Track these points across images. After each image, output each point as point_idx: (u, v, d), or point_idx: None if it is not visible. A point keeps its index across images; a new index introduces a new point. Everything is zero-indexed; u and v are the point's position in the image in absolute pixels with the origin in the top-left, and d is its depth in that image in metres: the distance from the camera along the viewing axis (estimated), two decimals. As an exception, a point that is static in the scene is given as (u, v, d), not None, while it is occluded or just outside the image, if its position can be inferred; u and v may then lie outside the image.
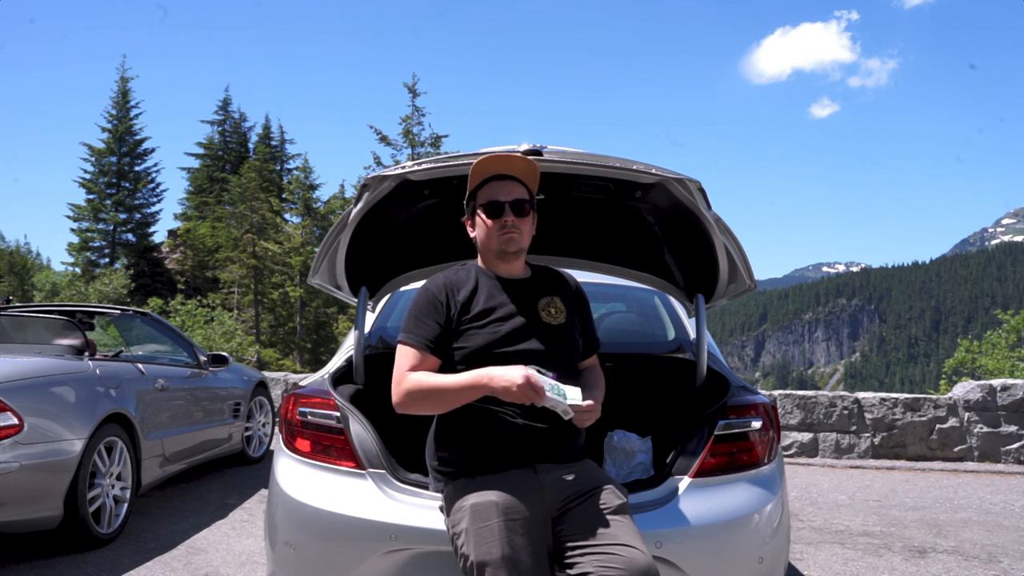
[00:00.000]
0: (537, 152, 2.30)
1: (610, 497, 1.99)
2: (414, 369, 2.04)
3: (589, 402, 1.96)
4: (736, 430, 2.35)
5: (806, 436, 7.19)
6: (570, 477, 2.03)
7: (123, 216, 34.65)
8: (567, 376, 2.06)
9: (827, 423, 7.20)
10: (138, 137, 35.43)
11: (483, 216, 2.14)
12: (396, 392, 2.04)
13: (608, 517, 1.93)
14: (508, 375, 1.90)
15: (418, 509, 2.17)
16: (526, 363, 2.01)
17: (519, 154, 2.16)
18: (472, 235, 2.22)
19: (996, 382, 7.15)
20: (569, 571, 1.89)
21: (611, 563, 1.81)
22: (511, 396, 1.91)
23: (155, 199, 35.83)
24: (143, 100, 55.41)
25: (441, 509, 2.09)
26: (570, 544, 1.91)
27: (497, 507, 1.90)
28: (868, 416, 7.14)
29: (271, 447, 6.68)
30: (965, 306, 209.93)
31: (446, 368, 2.08)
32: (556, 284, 2.26)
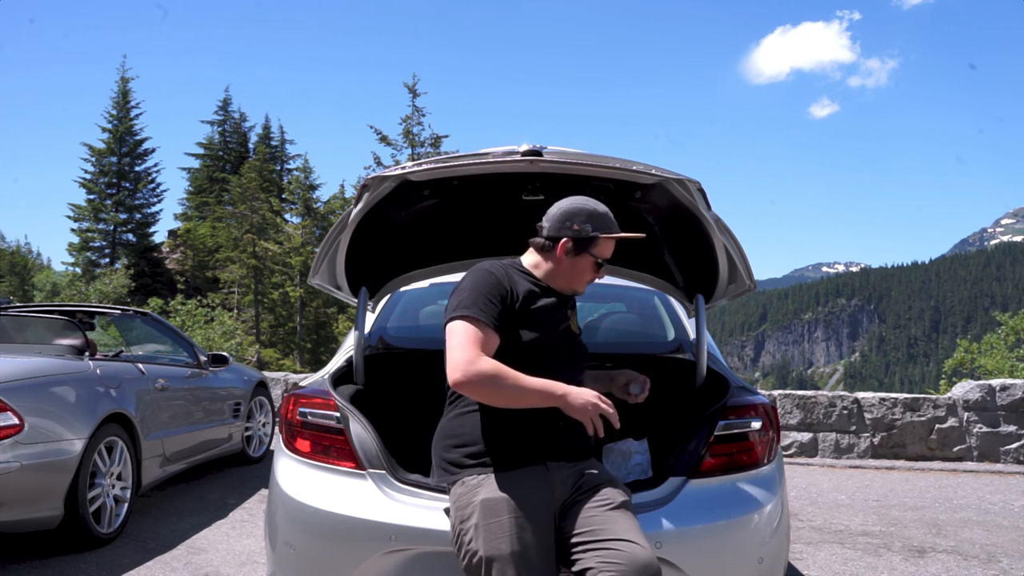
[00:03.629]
0: (537, 152, 2.30)
1: (613, 493, 2.00)
2: (481, 345, 1.96)
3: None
4: (736, 430, 2.36)
5: (806, 436, 7.20)
6: (577, 474, 2.05)
7: (123, 216, 34.60)
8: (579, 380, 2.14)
9: (827, 423, 7.20)
10: (138, 137, 35.37)
11: (591, 263, 2.16)
12: (467, 370, 1.91)
13: (610, 513, 1.94)
14: (583, 397, 1.93)
15: (418, 509, 2.17)
16: (548, 367, 2.04)
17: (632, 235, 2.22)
18: (559, 253, 2.14)
19: (995, 382, 7.15)
20: (572, 567, 1.90)
21: (613, 558, 1.81)
22: (580, 416, 1.92)
23: (155, 199, 35.79)
24: (143, 100, 55.29)
25: (447, 512, 2.08)
26: (573, 540, 1.92)
27: (508, 503, 1.91)
28: (868, 416, 7.14)
29: (271, 447, 6.68)
30: (964, 306, 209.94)
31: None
32: (571, 297, 2.29)
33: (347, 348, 2.90)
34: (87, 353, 4.33)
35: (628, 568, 1.79)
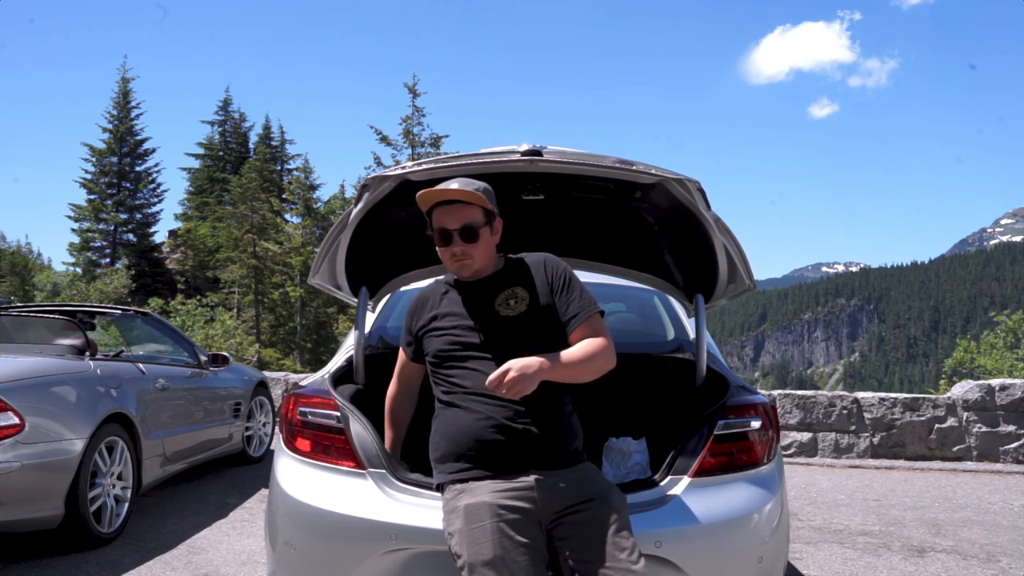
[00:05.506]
0: (537, 152, 2.31)
1: (607, 511, 1.97)
2: (400, 370, 2.44)
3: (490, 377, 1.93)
4: (735, 430, 2.36)
5: (805, 436, 7.20)
6: (564, 485, 2.00)
7: (124, 216, 34.58)
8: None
9: (826, 423, 7.20)
10: (139, 137, 35.35)
11: (436, 242, 2.18)
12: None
13: (604, 534, 1.92)
14: None
15: (418, 509, 2.17)
16: (479, 360, 2.09)
17: (455, 187, 2.12)
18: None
19: (995, 382, 7.15)
20: None
21: None
22: None
23: (156, 199, 35.75)
24: (144, 100, 55.22)
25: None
26: (566, 558, 1.92)
27: (490, 508, 1.91)
28: (867, 416, 7.15)
29: (271, 447, 6.69)
30: (964, 306, 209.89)
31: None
32: (521, 272, 2.21)
33: (347, 348, 2.91)
34: (88, 353, 4.34)
35: None
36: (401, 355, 2.42)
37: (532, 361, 1.95)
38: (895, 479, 6.19)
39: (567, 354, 2.05)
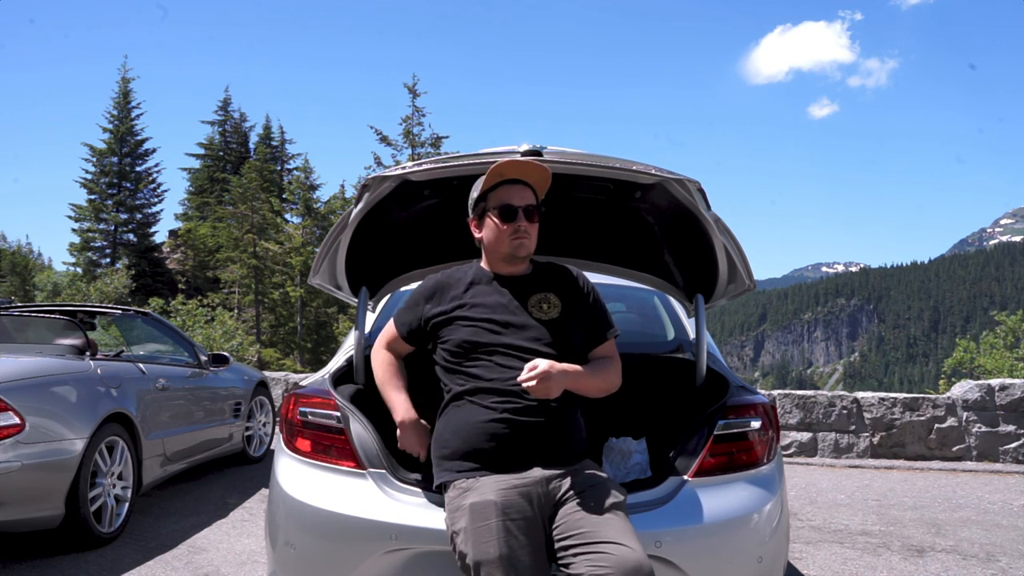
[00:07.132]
0: (537, 152, 2.31)
1: (603, 495, 2.00)
2: (388, 344, 2.39)
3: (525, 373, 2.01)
4: (735, 430, 2.36)
5: (805, 436, 7.20)
6: (567, 477, 2.04)
7: (124, 216, 34.60)
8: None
9: (826, 423, 7.21)
10: (139, 137, 35.36)
11: (495, 219, 2.20)
12: (372, 356, 2.42)
13: (600, 515, 1.93)
14: (403, 442, 2.29)
15: (418, 509, 2.17)
16: (507, 357, 2.11)
17: (536, 161, 2.21)
18: (478, 236, 2.29)
19: (994, 382, 7.16)
20: (564, 571, 1.90)
21: (602, 562, 1.81)
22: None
23: (156, 199, 35.79)
24: (144, 100, 55.19)
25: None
26: (564, 543, 1.92)
27: (496, 507, 1.91)
28: (867, 416, 7.15)
29: (272, 447, 6.69)
30: (964, 306, 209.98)
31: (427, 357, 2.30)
32: (554, 279, 2.30)
33: (347, 348, 2.91)
34: (88, 353, 4.34)
35: (616, 571, 1.79)
36: (392, 331, 2.38)
37: (564, 367, 2.05)
38: (895, 479, 6.19)
39: (589, 370, 2.17)
